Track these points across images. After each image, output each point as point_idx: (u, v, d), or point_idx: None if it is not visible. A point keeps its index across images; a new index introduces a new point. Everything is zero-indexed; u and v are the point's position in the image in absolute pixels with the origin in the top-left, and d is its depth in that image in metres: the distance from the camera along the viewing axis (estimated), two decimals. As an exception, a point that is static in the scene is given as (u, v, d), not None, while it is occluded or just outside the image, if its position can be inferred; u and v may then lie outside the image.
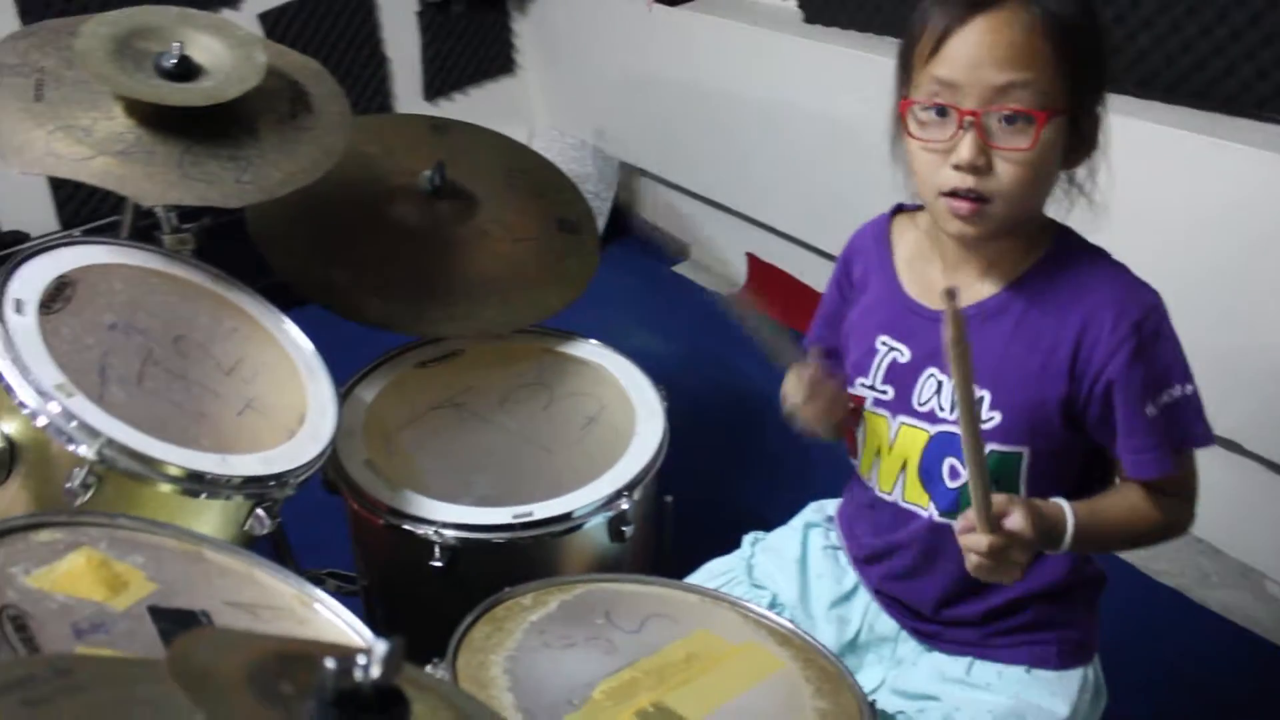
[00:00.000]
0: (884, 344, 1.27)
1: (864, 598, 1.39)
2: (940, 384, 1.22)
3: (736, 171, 3.02)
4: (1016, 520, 1.06)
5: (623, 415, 1.74)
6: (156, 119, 1.47)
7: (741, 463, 2.54)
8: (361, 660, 0.55)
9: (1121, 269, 1.17)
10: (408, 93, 3.32)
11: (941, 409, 1.22)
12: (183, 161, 1.43)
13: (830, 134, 2.66)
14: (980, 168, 1.07)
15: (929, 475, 1.25)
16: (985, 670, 1.28)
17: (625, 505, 1.57)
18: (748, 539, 1.49)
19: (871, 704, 1.18)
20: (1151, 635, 2.06)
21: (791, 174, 2.85)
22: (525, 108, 3.62)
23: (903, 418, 1.26)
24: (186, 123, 1.47)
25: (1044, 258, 1.17)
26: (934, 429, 1.23)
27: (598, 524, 1.57)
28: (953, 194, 1.09)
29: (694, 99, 3.00)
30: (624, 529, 1.57)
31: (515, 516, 1.53)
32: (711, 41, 2.88)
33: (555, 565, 1.56)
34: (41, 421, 1.21)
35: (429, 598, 1.57)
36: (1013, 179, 1.07)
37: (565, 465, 1.66)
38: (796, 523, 1.49)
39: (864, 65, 2.50)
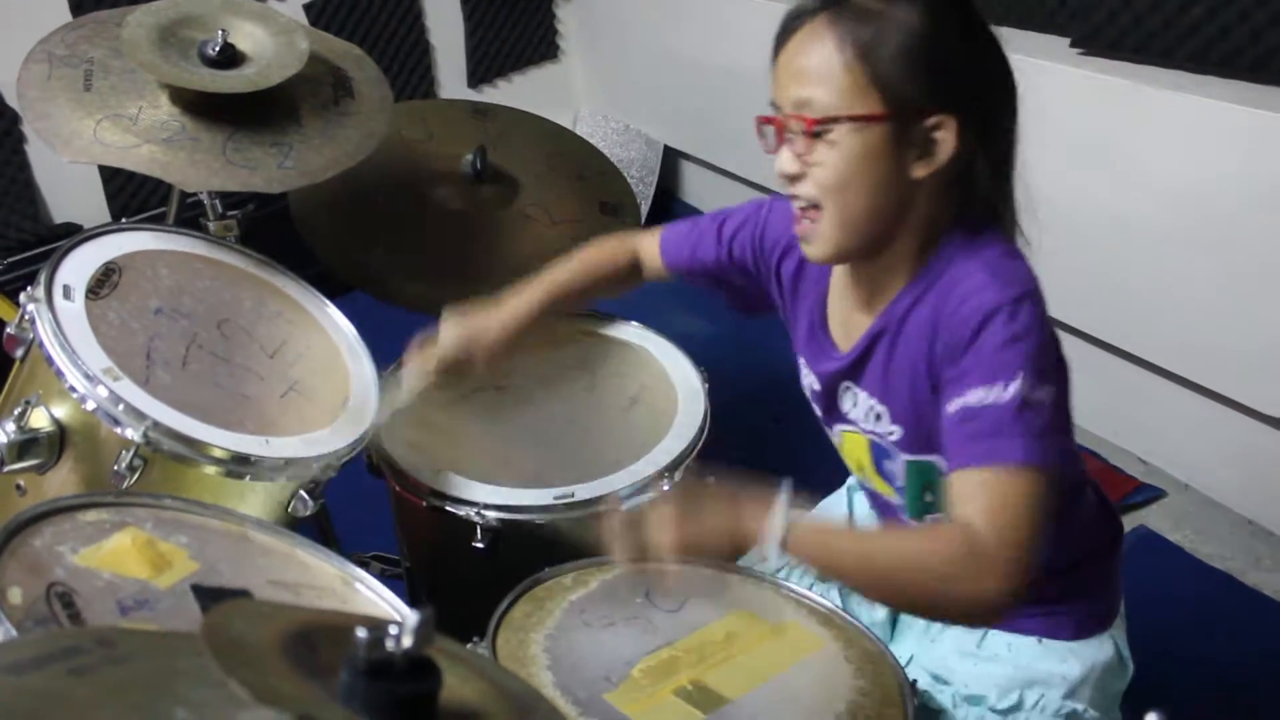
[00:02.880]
0: (803, 364, 1.29)
1: None
2: (855, 395, 1.21)
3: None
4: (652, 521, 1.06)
5: (664, 397, 1.73)
6: (201, 106, 1.49)
7: (784, 444, 2.53)
8: (394, 631, 0.56)
9: (984, 258, 1.08)
10: (451, 79, 3.34)
11: (859, 419, 1.22)
12: (226, 148, 1.45)
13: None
14: (792, 176, 1.09)
15: (882, 474, 1.25)
16: (996, 641, 1.26)
17: (666, 486, 1.57)
18: None
19: (913, 684, 1.17)
20: (1202, 619, 2.03)
21: (835, 155, 2.82)
22: (569, 93, 3.62)
23: (839, 426, 1.27)
24: (230, 109, 1.49)
25: (923, 271, 1.12)
26: (867, 436, 1.22)
27: (639, 505, 1.56)
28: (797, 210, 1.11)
29: (738, 82, 2.97)
30: (666, 511, 1.57)
31: (557, 498, 1.53)
32: (756, 23, 2.86)
33: (597, 545, 1.56)
34: (90, 405, 1.24)
35: (471, 579, 1.58)
36: (822, 187, 1.07)
37: (607, 447, 1.66)
38: (843, 489, 1.50)
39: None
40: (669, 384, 1.75)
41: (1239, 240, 2.01)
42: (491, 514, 1.51)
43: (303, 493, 1.34)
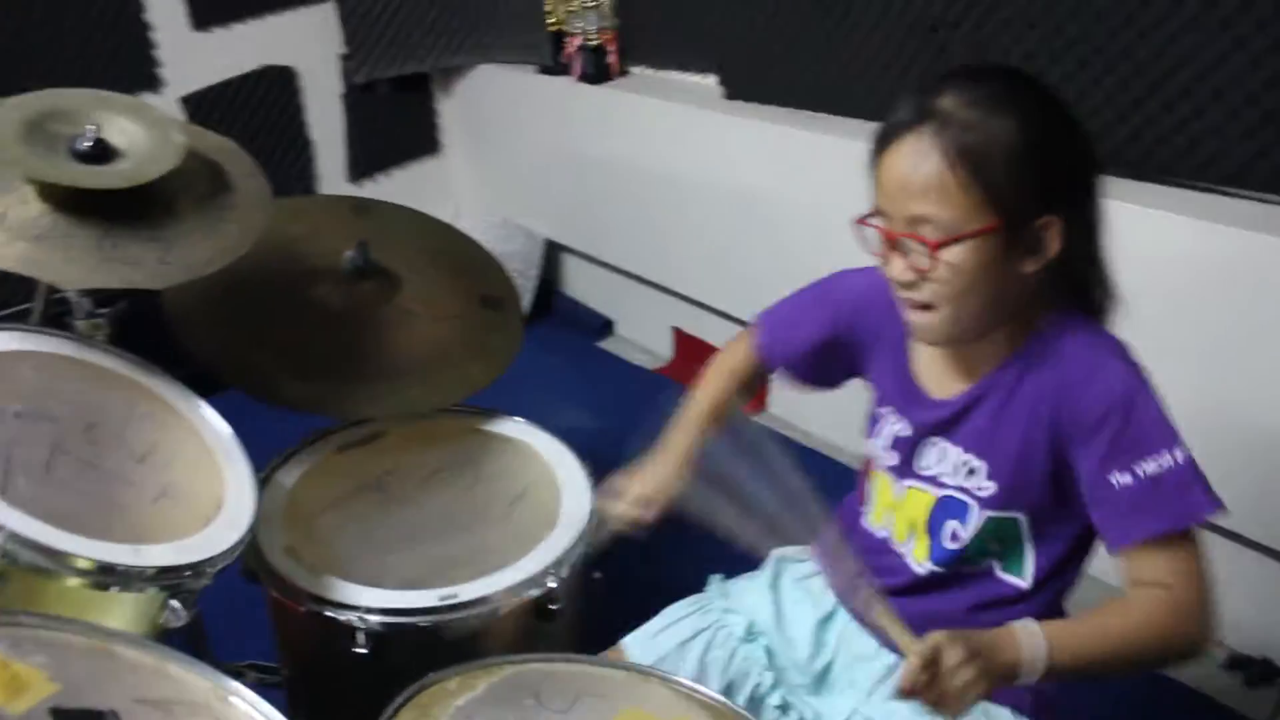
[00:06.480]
0: (889, 413, 1.32)
1: (842, 619, 1.39)
2: (945, 450, 1.26)
3: (662, 247, 3.05)
4: (949, 655, 1.06)
5: (549, 493, 1.72)
6: (72, 202, 1.45)
7: (672, 537, 2.52)
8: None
9: (1101, 341, 1.17)
10: (332, 174, 3.32)
11: (943, 474, 1.26)
12: (102, 244, 1.41)
13: (753, 208, 2.70)
14: (907, 283, 1.14)
15: (932, 533, 1.28)
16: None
17: (552, 584, 1.55)
18: (714, 578, 1.51)
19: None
20: (1076, 689, 2.05)
21: (716, 247, 2.88)
22: (451, 187, 3.63)
23: (908, 481, 1.30)
24: (104, 205, 1.45)
25: (1031, 341, 1.19)
26: (939, 493, 1.27)
27: (525, 603, 1.54)
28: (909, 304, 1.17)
29: (619, 176, 3.04)
30: (551, 607, 1.55)
31: (441, 599, 1.51)
32: (635, 119, 2.93)
33: (483, 646, 1.53)
34: (-60, 516, 1.17)
35: (354, 685, 1.52)
36: (940, 294, 1.13)
37: (491, 545, 1.64)
38: (767, 564, 1.50)
39: (785, 140, 2.55)
40: (554, 480, 1.75)
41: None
42: (374, 618, 1.48)
43: (174, 603, 1.28)
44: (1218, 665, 2.19)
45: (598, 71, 2.99)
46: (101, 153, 1.49)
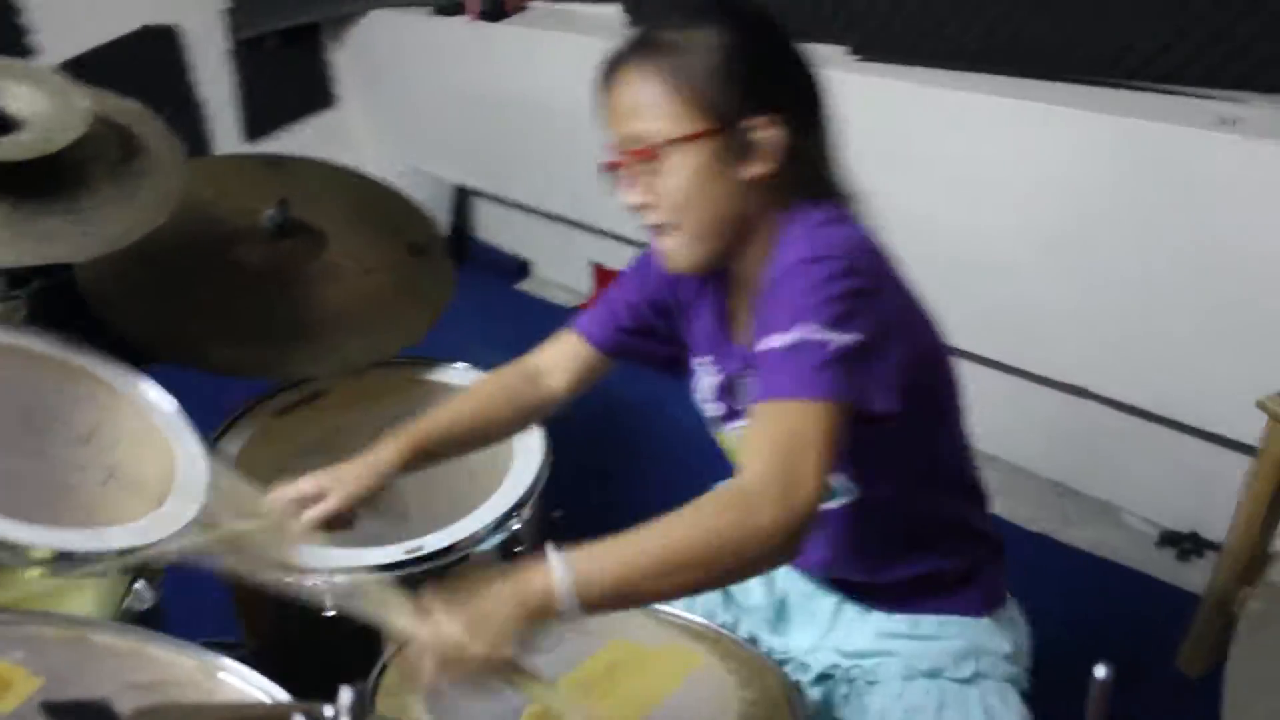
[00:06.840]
0: (706, 364, 1.31)
1: None
2: (751, 383, 1.22)
3: (574, 182, 3.01)
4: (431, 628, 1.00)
5: (501, 436, 1.70)
6: (-27, 180, 1.37)
7: (623, 470, 2.54)
8: (329, 712, 0.52)
9: (802, 234, 1.11)
10: (226, 135, 3.21)
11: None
12: (12, 220, 1.34)
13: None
14: (640, 207, 1.16)
15: None
16: (928, 622, 1.30)
17: (516, 526, 1.54)
18: None
19: (796, 684, 1.19)
20: (1025, 579, 2.13)
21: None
22: (350, 139, 3.53)
23: (736, 423, 1.29)
24: (9, 178, 1.38)
25: (769, 258, 1.16)
26: None
27: (490, 549, 1.54)
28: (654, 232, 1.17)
29: (525, 114, 2.98)
30: (516, 550, 1.55)
31: (407, 552, 1.49)
32: (537, 55, 2.87)
33: (453, 596, 1.52)
34: (-118, 520, 1.11)
35: (327, 648, 1.50)
36: (670, 211, 1.14)
37: (449, 493, 1.63)
38: None
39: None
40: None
41: (1029, 218, 2.14)
42: (340, 578, 1.45)
43: (139, 585, 1.25)
44: (1152, 543, 2.29)
45: (495, 8, 2.93)
46: (1, 123, 1.41)
